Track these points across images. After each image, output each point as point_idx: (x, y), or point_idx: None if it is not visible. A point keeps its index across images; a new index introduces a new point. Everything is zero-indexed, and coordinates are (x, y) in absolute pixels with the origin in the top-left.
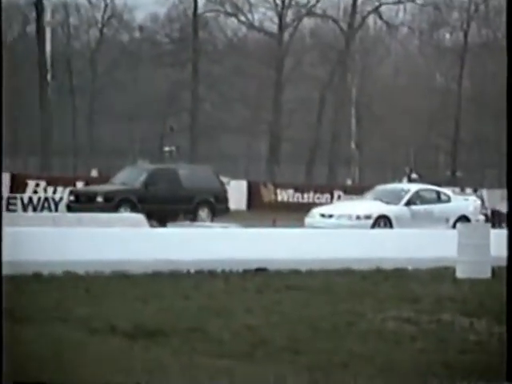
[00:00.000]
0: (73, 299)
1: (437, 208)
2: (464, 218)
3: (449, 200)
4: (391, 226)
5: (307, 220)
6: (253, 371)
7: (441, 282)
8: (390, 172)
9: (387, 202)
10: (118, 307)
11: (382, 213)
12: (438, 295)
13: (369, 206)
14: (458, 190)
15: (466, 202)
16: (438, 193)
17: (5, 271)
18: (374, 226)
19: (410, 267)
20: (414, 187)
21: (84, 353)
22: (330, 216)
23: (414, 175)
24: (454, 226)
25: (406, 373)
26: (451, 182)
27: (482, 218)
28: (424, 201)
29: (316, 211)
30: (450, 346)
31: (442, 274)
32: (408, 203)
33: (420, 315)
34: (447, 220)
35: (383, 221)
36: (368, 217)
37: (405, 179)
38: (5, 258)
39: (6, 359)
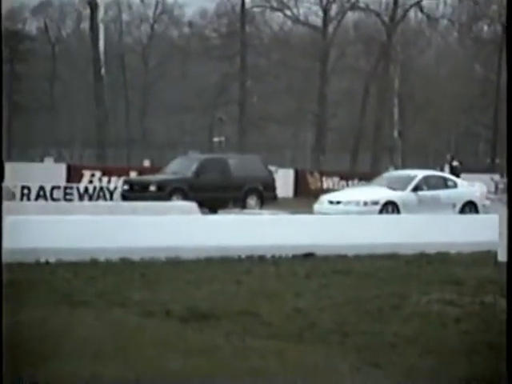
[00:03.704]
0: (129, 284)
1: (443, 194)
2: (470, 204)
3: (455, 186)
4: (398, 212)
5: (316, 206)
6: (302, 352)
7: (482, 265)
8: (431, 159)
9: (394, 188)
10: (172, 292)
11: (389, 199)
12: (480, 278)
13: (376, 192)
14: (497, 176)
15: (472, 188)
16: (445, 179)
17: (66, 258)
18: (381, 211)
19: (452, 251)
20: (420, 173)
21: (140, 335)
22: (338, 202)
23: (455, 162)
24: (460, 212)
25: (450, 353)
26: (491, 169)
27: (487, 203)
28: (431, 187)
29: (325, 198)
30: (492, 328)
31: (484, 257)
32: (415, 189)
33: (463, 297)
34: (454, 205)
35: (391, 207)
36: (375, 203)
37: (446, 166)
38: (64, 245)
39: (60, 340)
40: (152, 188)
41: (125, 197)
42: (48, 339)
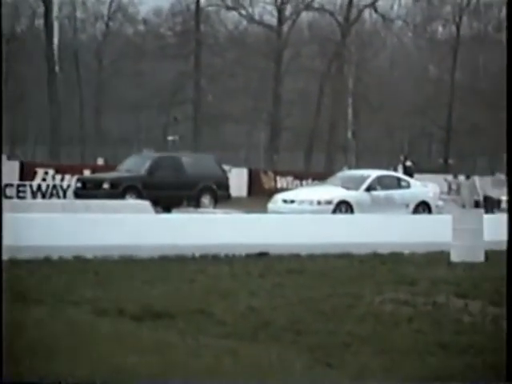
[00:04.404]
0: (82, 282)
1: (397, 194)
2: (424, 204)
3: (408, 186)
4: (352, 212)
5: (270, 205)
6: (256, 351)
7: (435, 265)
8: (385, 160)
9: (348, 188)
10: (126, 290)
11: (343, 198)
12: (433, 278)
13: (330, 191)
14: (450, 177)
15: (425, 189)
16: (398, 179)
17: (18, 255)
18: (334, 211)
19: (406, 251)
20: (374, 173)
21: (93, 333)
22: (292, 201)
23: (408, 163)
24: (414, 212)
25: (403, 352)
26: (444, 170)
27: (440, 203)
28: (384, 187)
29: (279, 197)
30: (445, 327)
31: (437, 257)
32: (368, 189)
33: (416, 297)
34: (407, 206)
35: (344, 206)
36: (329, 202)
37: (400, 167)
38: (16, 242)
39: (14, 339)
40: (105, 186)
41: (78, 195)
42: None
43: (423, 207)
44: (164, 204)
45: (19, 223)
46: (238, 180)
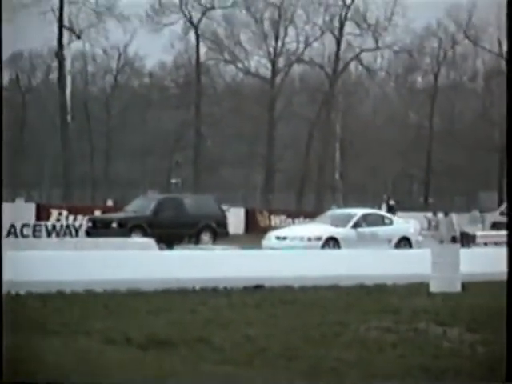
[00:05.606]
0: (93, 314)
1: (381, 230)
2: (405, 240)
3: (391, 223)
4: (339, 247)
5: (264, 242)
6: (252, 376)
7: (416, 295)
8: (370, 199)
9: (336, 225)
10: (133, 321)
11: (331, 235)
12: (414, 307)
13: (319, 228)
14: (430, 214)
15: (407, 225)
16: (382, 216)
17: (34, 289)
18: (323, 246)
19: (389, 283)
20: (360, 212)
21: (102, 360)
22: (284, 238)
23: (391, 201)
24: (396, 247)
25: (387, 376)
26: (424, 208)
27: (420, 239)
28: (369, 224)
29: (272, 234)
30: (426, 352)
31: (418, 288)
32: (355, 226)
33: (399, 325)
34: (390, 241)
35: (332, 242)
36: (318, 238)
37: (383, 205)
38: (31, 278)
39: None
40: (114, 225)
41: (89, 233)
42: (21, 362)
43: (405, 242)
44: (167, 241)
45: (35, 260)
46: (235, 218)
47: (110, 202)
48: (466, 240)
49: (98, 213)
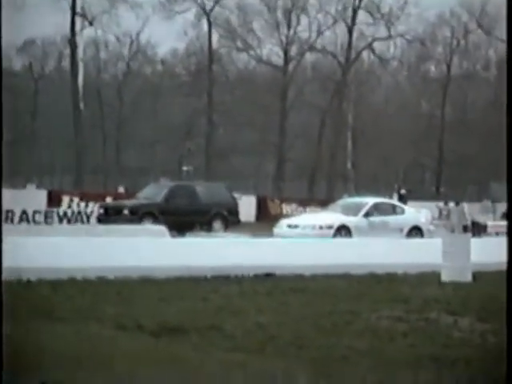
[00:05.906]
0: (104, 300)
1: (392, 219)
2: (416, 229)
3: (403, 212)
4: (351, 235)
5: (275, 230)
6: (262, 363)
7: (427, 284)
8: (382, 188)
9: (347, 214)
10: (144, 308)
11: (343, 223)
12: (425, 296)
13: (331, 217)
14: (441, 204)
15: (418, 214)
16: (394, 205)
17: (45, 276)
18: (335, 235)
19: (400, 272)
20: (371, 201)
21: (114, 347)
22: (296, 226)
23: (402, 191)
24: (407, 236)
25: (398, 365)
26: (436, 197)
27: (431, 228)
28: (380, 213)
29: (284, 222)
30: (436, 342)
31: (429, 277)
32: (366, 215)
33: (410, 314)
34: (401, 230)
35: (344, 230)
36: (330, 227)
37: (395, 194)
38: (43, 264)
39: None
40: (125, 212)
41: (100, 220)
42: (31, 351)
43: (416, 231)
44: (179, 229)
45: (46, 246)
46: (247, 206)
47: (121, 189)
48: (477, 229)
49: (109, 200)
